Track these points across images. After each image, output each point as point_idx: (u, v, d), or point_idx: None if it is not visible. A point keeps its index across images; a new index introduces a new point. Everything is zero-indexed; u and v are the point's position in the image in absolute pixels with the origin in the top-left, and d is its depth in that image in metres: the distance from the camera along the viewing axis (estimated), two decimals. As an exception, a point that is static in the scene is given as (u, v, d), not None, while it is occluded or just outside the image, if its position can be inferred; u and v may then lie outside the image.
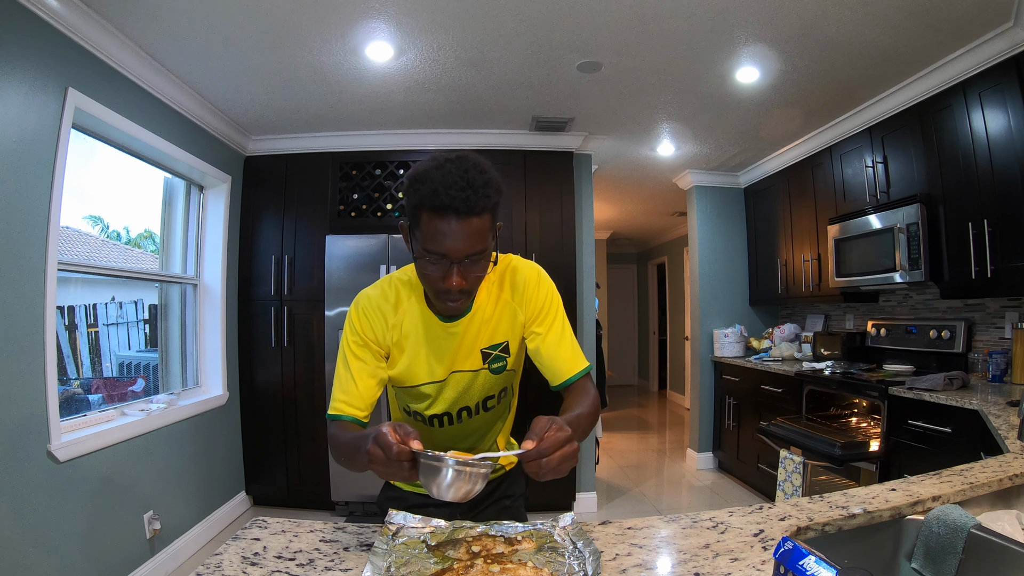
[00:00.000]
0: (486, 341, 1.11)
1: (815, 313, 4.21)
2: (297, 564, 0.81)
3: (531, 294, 1.12)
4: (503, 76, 2.86)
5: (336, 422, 1.05)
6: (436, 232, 0.91)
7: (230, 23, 2.30)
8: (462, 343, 1.10)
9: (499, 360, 1.13)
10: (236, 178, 3.58)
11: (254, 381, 3.61)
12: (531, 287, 1.13)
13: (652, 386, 8.90)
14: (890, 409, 2.57)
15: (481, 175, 0.91)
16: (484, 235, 0.93)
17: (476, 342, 1.11)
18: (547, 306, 1.14)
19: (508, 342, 1.13)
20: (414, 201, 0.92)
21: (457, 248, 0.91)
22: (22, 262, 1.95)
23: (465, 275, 0.95)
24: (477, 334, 1.10)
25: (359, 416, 1.05)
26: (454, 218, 0.89)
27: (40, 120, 2.02)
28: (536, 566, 0.76)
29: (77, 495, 2.15)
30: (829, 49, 2.55)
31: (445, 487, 0.78)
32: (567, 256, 3.68)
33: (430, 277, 0.96)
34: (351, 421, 1.05)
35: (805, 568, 0.60)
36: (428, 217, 0.91)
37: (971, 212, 2.49)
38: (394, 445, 0.78)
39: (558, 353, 1.12)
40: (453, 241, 0.91)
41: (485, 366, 1.12)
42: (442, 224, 0.90)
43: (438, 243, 0.91)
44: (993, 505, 1.09)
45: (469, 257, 0.93)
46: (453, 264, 0.93)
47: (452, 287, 0.94)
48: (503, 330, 1.12)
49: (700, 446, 4.58)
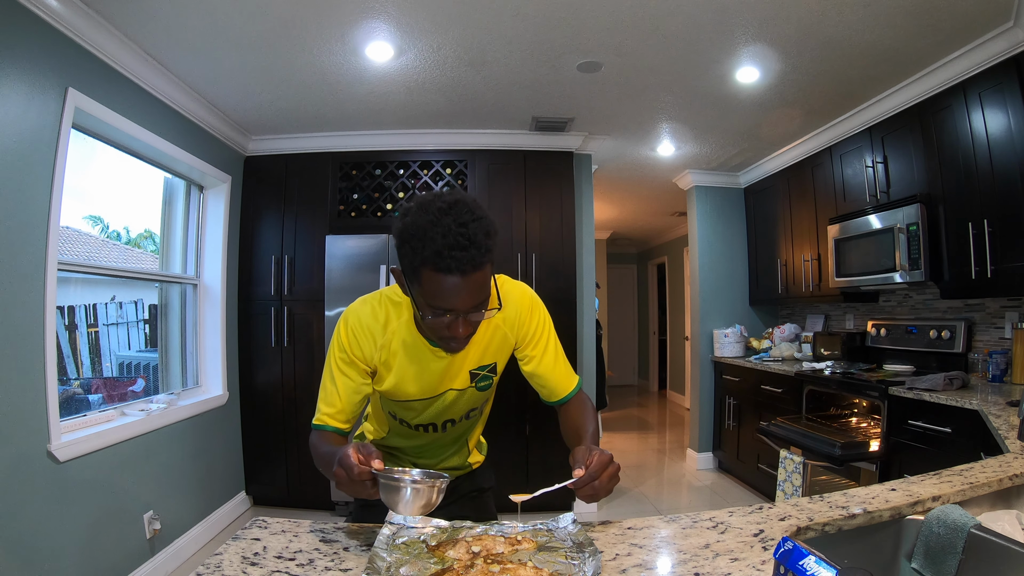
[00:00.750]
0: (475, 363, 1.14)
1: (815, 313, 4.21)
2: (297, 564, 0.81)
3: (524, 319, 1.15)
4: (503, 76, 2.86)
5: (318, 432, 1.09)
6: (441, 291, 0.90)
7: (230, 23, 2.30)
8: (451, 365, 1.12)
9: (486, 380, 1.17)
10: (236, 178, 3.58)
11: (254, 381, 3.61)
12: (524, 313, 1.15)
13: (652, 386, 8.90)
14: (890, 409, 2.57)
15: (479, 225, 0.90)
16: (487, 283, 0.95)
17: (465, 364, 1.13)
18: (539, 330, 1.16)
19: (496, 363, 1.17)
20: (414, 261, 0.90)
21: (464, 304, 0.92)
22: (22, 262, 1.95)
23: (470, 324, 0.97)
24: (466, 356, 1.12)
25: (341, 427, 1.09)
26: (459, 278, 0.89)
27: (40, 120, 2.02)
28: (536, 566, 0.76)
29: (77, 495, 2.15)
30: (829, 49, 2.55)
31: (404, 504, 0.83)
32: (567, 256, 3.68)
33: (435, 327, 0.97)
34: (333, 432, 1.09)
35: (805, 568, 0.60)
36: (431, 275, 0.89)
37: (971, 212, 2.49)
38: (355, 467, 0.83)
39: (554, 374, 1.17)
40: (459, 299, 0.91)
41: (472, 385, 1.16)
42: (446, 283, 0.89)
43: (444, 300, 0.91)
44: (993, 505, 1.09)
45: (474, 308, 0.95)
46: (459, 316, 0.94)
47: (459, 335, 0.96)
48: (492, 352, 1.15)
49: (700, 446, 4.58)
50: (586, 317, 3.83)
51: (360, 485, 0.84)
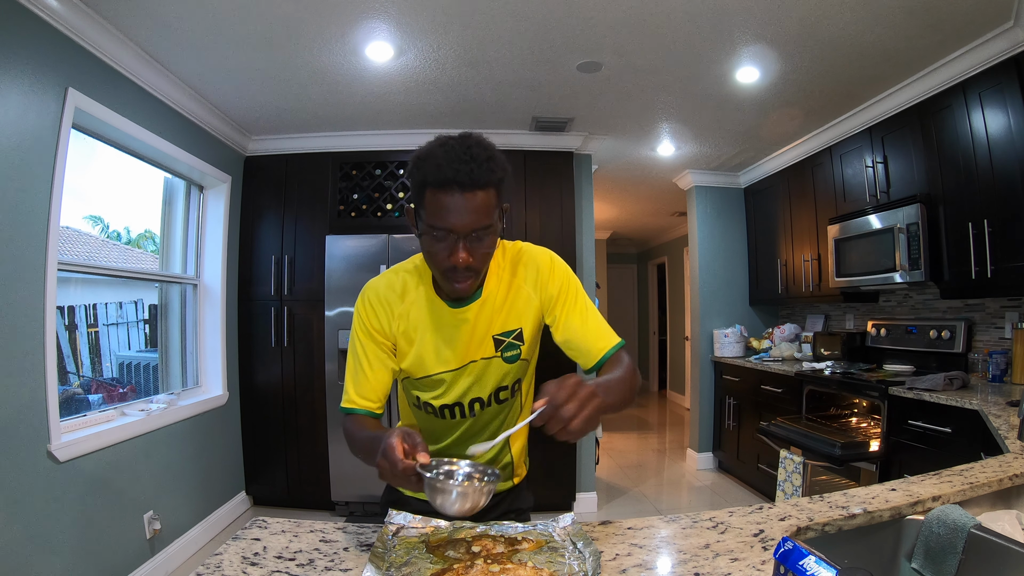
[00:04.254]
0: (499, 327, 1.08)
1: (815, 313, 4.21)
2: (297, 564, 0.81)
3: (546, 278, 1.09)
4: (503, 76, 2.86)
5: (350, 416, 1.06)
6: (440, 207, 0.90)
7: (230, 23, 2.30)
8: (475, 330, 1.07)
9: (513, 348, 1.09)
10: (236, 178, 3.58)
11: (254, 381, 3.61)
12: (544, 271, 1.09)
13: (652, 386, 8.90)
14: (890, 409, 2.57)
15: (484, 151, 0.91)
16: (489, 210, 0.93)
17: (489, 328, 1.08)
18: (565, 288, 1.09)
19: (522, 329, 1.10)
20: (418, 179, 0.92)
21: (462, 222, 0.91)
22: (22, 262, 1.95)
23: (472, 251, 0.93)
24: (490, 320, 1.08)
25: (372, 408, 1.06)
26: (458, 192, 0.89)
27: (40, 120, 2.02)
28: (536, 566, 0.76)
29: (77, 495, 2.15)
30: (829, 49, 2.55)
31: (449, 504, 0.79)
32: (567, 256, 3.63)
33: (436, 255, 0.95)
34: (365, 415, 1.06)
35: (805, 568, 0.60)
36: (432, 193, 0.91)
37: (971, 212, 2.49)
38: (399, 462, 0.80)
39: (585, 334, 1.07)
40: (458, 215, 0.90)
41: (498, 354, 1.09)
42: (446, 199, 0.90)
43: (443, 218, 0.90)
44: (993, 505, 1.09)
45: (475, 232, 0.92)
46: (459, 239, 0.92)
47: (459, 263, 0.93)
48: (516, 316, 1.09)
49: (700, 446, 4.58)
50: (586, 317, 3.83)
51: (404, 479, 0.80)
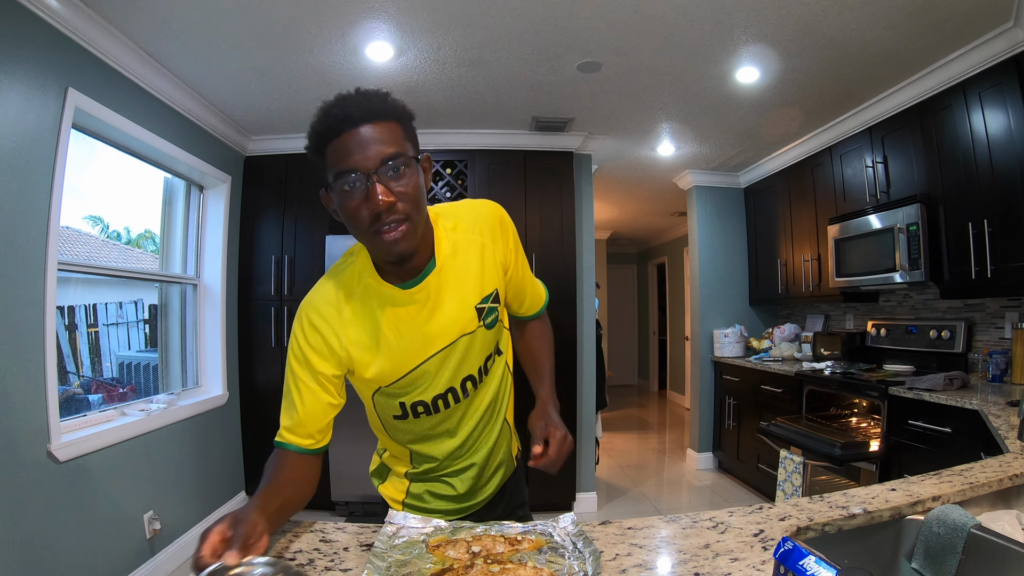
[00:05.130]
0: (477, 295, 1.00)
1: (815, 313, 4.21)
2: (297, 564, 0.81)
3: (502, 231, 1.05)
4: (503, 76, 2.86)
5: (277, 451, 0.94)
6: (339, 151, 0.82)
7: (230, 23, 2.30)
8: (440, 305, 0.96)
9: (492, 312, 1.03)
10: (236, 178, 3.58)
11: (254, 381, 3.61)
12: (498, 224, 1.04)
13: (652, 386, 8.89)
14: (890, 409, 2.57)
15: (379, 93, 0.85)
16: (397, 140, 0.84)
17: (464, 298, 0.98)
18: (516, 240, 1.09)
19: (497, 290, 1.04)
20: (315, 143, 0.84)
21: (366, 156, 0.81)
22: (22, 262, 1.95)
23: (390, 189, 0.82)
24: (465, 290, 0.99)
25: (303, 445, 0.93)
26: (353, 128, 0.81)
27: (40, 120, 2.02)
28: (536, 566, 0.76)
29: (77, 495, 2.15)
30: (829, 49, 2.55)
31: None
32: (567, 256, 3.68)
33: (355, 212, 0.83)
34: (294, 451, 0.93)
35: (805, 568, 0.60)
36: (331, 146, 0.82)
37: (971, 212, 2.49)
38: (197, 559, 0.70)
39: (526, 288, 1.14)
40: (360, 149, 0.81)
41: (481, 323, 1.01)
42: (344, 140, 0.81)
43: (344, 160, 0.81)
44: (993, 505, 1.09)
45: (385, 165, 0.82)
46: (369, 178, 0.81)
47: (380, 206, 0.81)
48: (489, 278, 1.02)
49: (700, 446, 4.58)
50: (586, 317, 3.83)
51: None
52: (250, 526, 0.75)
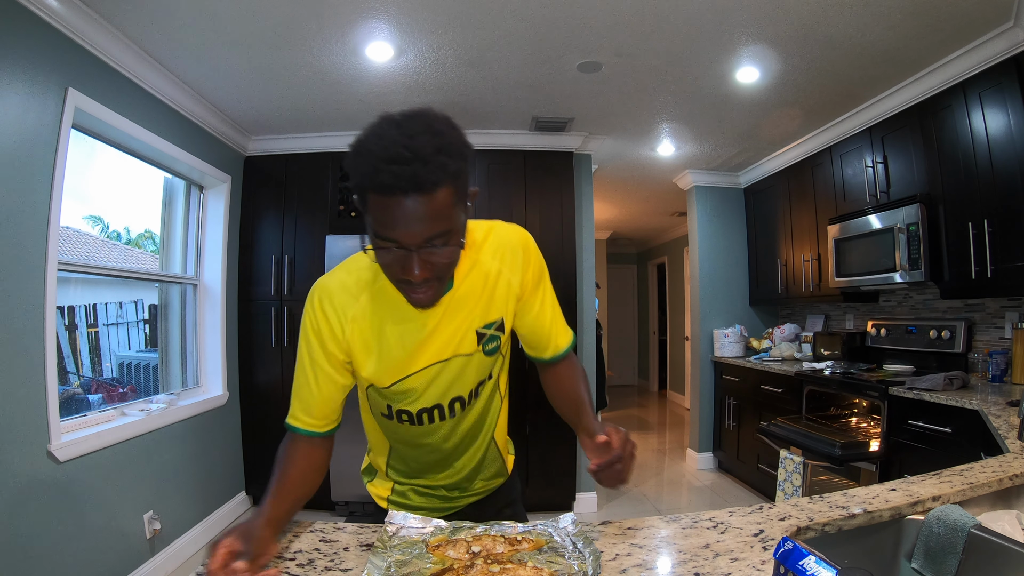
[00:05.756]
0: (480, 320, 0.98)
1: (815, 313, 4.21)
2: (297, 564, 0.81)
3: (524, 261, 1.00)
4: (503, 76, 2.86)
5: (290, 435, 0.95)
6: (385, 216, 0.75)
7: (230, 23, 2.30)
8: (447, 324, 0.96)
9: (494, 340, 1.01)
10: (236, 178, 3.58)
11: (254, 381, 3.61)
12: (520, 252, 1.00)
13: (652, 386, 8.89)
14: (890, 409, 2.57)
15: (433, 139, 0.74)
16: (446, 213, 0.76)
17: (469, 321, 0.97)
18: (539, 273, 1.03)
19: (503, 319, 1.01)
20: (355, 180, 0.77)
21: (411, 233, 0.76)
22: (22, 262, 1.95)
23: (428, 264, 0.80)
24: (469, 312, 0.97)
25: (317, 427, 0.95)
26: (403, 198, 0.73)
27: (40, 120, 2.02)
28: (536, 566, 0.76)
29: (77, 495, 2.15)
30: (829, 49, 2.55)
31: None
32: (567, 256, 3.68)
33: (388, 268, 0.82)
34: (306, 435, 0.94)
35: (805, 568, 0.60)
36: (374, 200, 0.75)
37: (971, 212, 2.49)
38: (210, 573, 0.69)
39: (549, 326, 1.05)
40: (406, 226, 0.75)
41: (479, 347, 0.99)
42: (391, 206, 0.74)
43: (389, 228, 0.76)
44: (993, 505, 1.09)
45: (429, 242, 0.77)
46: (411, 253, 0.77)
47: (413, 279, 0.79)
48: (497, 305, 0.99)
49: (700, 446, 4.58)
50: (586, 317, 3.83)
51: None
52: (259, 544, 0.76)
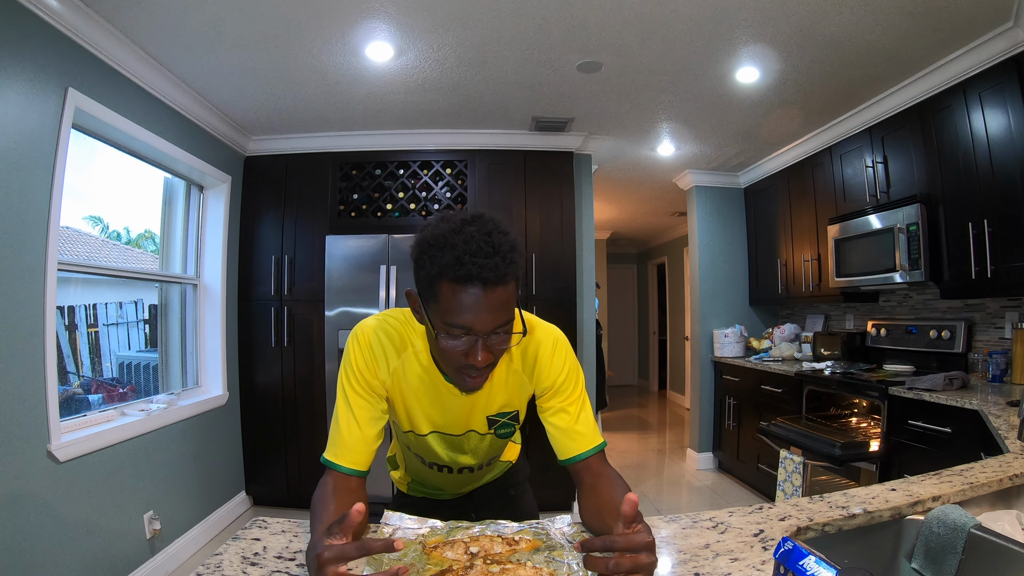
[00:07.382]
0: (496, 408, 1.05)
1: (815, 313, 4.21)
2: (297, 564, 0.81)
3: (543, 366, 1.01)
4: (503, 76, 2.86)
5: (329, 471, 0.93)
6: (460, 305, 0.81)
7: (230, 23, 2.30)
8: (471, 406, 1.03)
9: (507, 427, 1.08)
10: (236, 178, 3.58)
11: (254, 381, 3.61)
12: (544, 358, 1.01)
13: (652, 386, 8.89)
14: (890, 409, 2.57)
15: (505, 238, 0.83)
16: (510, 304, 0.85)
17: (486, 408, 1.04)
18: (562, 380, 1.01)
19: (518, 411, 1.08)
20: (432, 270, 0.81)
21: (484, 321, 0.82)
22: (22, 262, 1.95)
23: (491, 350, 0.86)
24: (488, 398, 1.03)
25: (357, 468, 0.93)
26: (480, 289, 0.80)
27: (40, 120, 2.02)
28: (536, 566, 0.76)
29: (77, 495, 2.15)
30: (829, 49, 2.55)
31: None
32: (567, 256, 3.68)
33: (450, 353, 0.87)
34: (346, 473, 0.92)
35: (805, 568, 0.60)
36: (450, 288, 0.81)
37: (971, 212, 2.49)
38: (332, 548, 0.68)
39: (573, 430, 0.99)
40: (479, 314, 0.81)
41: (491, 431, 1.07)
42: (467, 296, 0.80)
43: (462, 316, 0.82)
44: (993, 505, 1.09)
45: (495, 331, 0.84)
46: (479, 339, 0.84)
47: (478, 363, 0.85)
48: (514, 400, 1.06)
49: (700, 446, 4.58)
50: (586, 317, 3.83)
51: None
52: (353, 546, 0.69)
